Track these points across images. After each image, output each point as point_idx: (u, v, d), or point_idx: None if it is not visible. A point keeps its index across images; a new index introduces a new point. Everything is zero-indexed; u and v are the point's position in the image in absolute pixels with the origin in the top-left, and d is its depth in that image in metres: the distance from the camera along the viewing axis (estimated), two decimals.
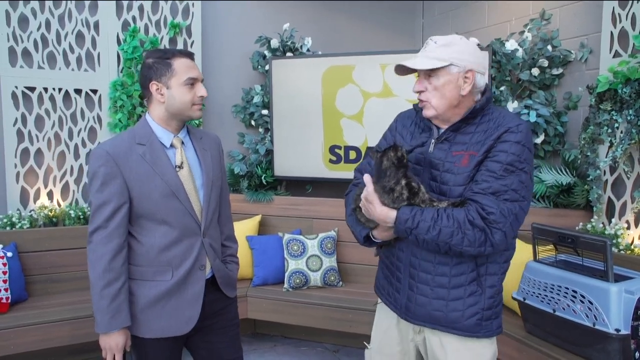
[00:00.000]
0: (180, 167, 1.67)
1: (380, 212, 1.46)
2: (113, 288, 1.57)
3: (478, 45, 1.55)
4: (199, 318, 1.71)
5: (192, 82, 1.63)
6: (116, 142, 1.64)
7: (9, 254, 2.85)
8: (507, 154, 1.39)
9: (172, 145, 1.68)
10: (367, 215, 1.52)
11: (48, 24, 3.23)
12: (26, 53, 3.19)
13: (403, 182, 1.44)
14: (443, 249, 1.42)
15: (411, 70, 1.52)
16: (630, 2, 2.64)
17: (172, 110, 1.65)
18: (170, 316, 1.66)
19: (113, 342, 1.61)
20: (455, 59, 1.45)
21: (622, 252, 2.59)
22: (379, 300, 1.73)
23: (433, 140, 1.53)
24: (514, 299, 2.43)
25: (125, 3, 3.40)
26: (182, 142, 1.71)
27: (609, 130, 2.72)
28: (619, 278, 2.12)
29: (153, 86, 1.63)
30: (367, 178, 1.50)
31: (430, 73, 1.47)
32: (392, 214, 1.44)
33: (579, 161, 2.96)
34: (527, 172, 1.41)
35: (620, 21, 2.70)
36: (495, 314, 1.50)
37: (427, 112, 1.50)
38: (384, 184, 1.46)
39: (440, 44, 1.46)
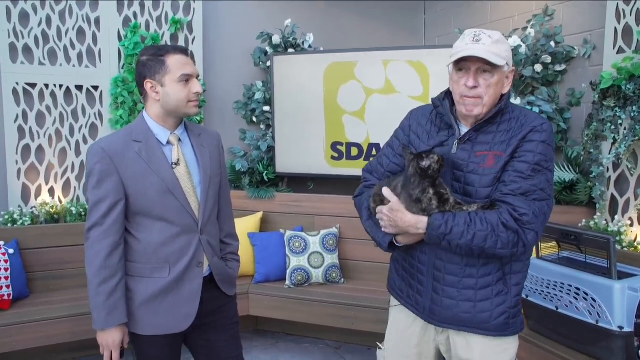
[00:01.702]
0: (177, 164, 1.66)
1: (410, 220, 1.42)
2: (109, 285, 1.58)
3: None
4: (197, 315, 1.70)
5: (186, 79, 1.62)
6: (112, 139, 1.64)
7: (11, 251, 2.85)
8: (534, 154, 1.39)
9: (168, 142, 1.68)
10: (393, 226, 1.46)
11: (49, 20, 3.21)
12: (27, 49, 3.18)
13: (431, 191, 1.40)
14: (476, 252, 1.40)
15: (460, 61, 1.43)
16: None
17: (168, 108, 1.64)
18: (168, 313, 1.66)
19: (110, 339, 1.61)
20: (509, 57, 1.44)
21: (625, 249, 2.58)
22: (393, 301, 1.70)
23: (456, 141, 1.49)
24: None
25: (126, 0, 3.38)
26: (179, 139, 1.70)
27: (613, 127, 2.71)
28: (622, 275, 2.11)
29: (148, 84, 1.62)
30: (387, 192, 1.46)
31: (487, 69, 1.42)
32: (423, 221, 1.41)
33: (582, 158, 2.95)
34: (551, 171, 1.42)
35: (624, 17, 2.68)
36: (519, 312, 1.51)
37: (476, 110, 1.44)
38: (410, 192, 1.41)
39: (495, 40, 1.41)
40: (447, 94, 1.55)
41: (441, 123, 1.54)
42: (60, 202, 3.31)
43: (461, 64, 1.44)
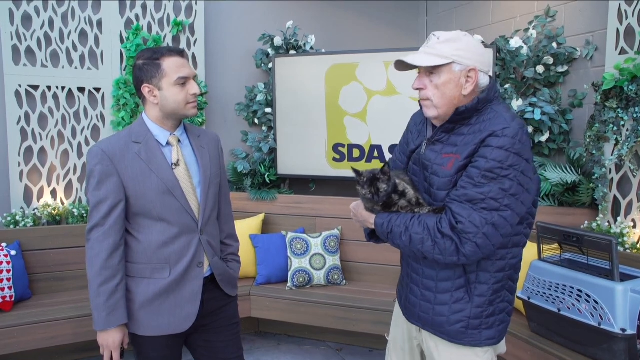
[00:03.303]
0: (177, 164, 1.67)
1: (364, 215, 1.52)
2: (110, 285, 1.58)
3: (482, 43, 1.52)
4: (198, 316, 1.71)
5: (183, 81, 1.63)
6: (112, 140, 1.65)
7: (13, 253, 2.85)
8: (487, 160, 1.31)
9: (168, 143, 1.69)
10: (356, 218, 1.58)
11: (51, 23, 3.23)
12: (29, 51, 3.19)
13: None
14: (419, 255, 1.40)
15: (412, 66, 1.45)
16: None
17: (167, 111, 1.65)
18: (169, 314, 1.67)
19: (110, 339, 1.62)
20: (458, 56, 1.37)
21: (627, 251, 2.57)
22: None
23: (425, 142, 1.50)
24: (518, 298, 2.42)
25: (128, 2, 3.40)
26: (179, 140, 1.71)
27: (615, 128, 2.70)
28: (624, 277, 2.10)
29: (145, 89, 1.63)
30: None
31: (431, 70, 1.40)
32: (371, 218, 1.48)
33: (584, 159, 2.94)
34: (512, 180, 1.31)
35: (626, 18, 2.67)
36: (485, 324, 1.44)
37: (429, 112, 1.44)
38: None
39: (442, 40, 1.39)
40: None
41: (428, 124, 1.55)
42: (62, 203, 3.32)
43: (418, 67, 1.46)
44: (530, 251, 2.48)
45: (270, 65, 3.78)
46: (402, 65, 1.46)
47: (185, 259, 1.67)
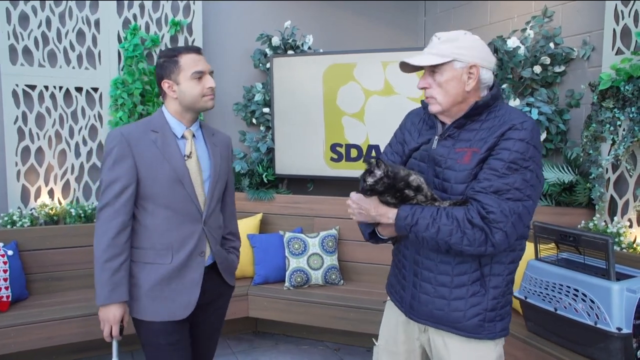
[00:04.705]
0: (189, 156, 1.76)
1: (381, 210, 1.47)
2: (115, 262, 1.65)
3: None
4: (199, 305, 1.76)
5: (199, 76, 1.72)
6: (131, 127, 1.75)
7: (10, 253, 2.85)
8: (510, 152, 1.36)
9: (183, 137, 1.78)
10: (362, 214, 1.50)
11: (49, 22, 3.22)
12: (27, 51, 3.19)
13: (390, 194, 1.45)
14: (443, 247, 1.40)
15: (417, 68, 1.50)
16: None
17: (185, 104, 1.75)
18: (169, 300, 1.72)
19: (111, 314, 1.67)
20: (458, 54, 1.42)
21: (624, 250, 2.58)
22: (388, 298, 1.72)
23: (436, 137, 1.52)
24: (515, 297, 2.42)
25: (126, 1, 3.39)
26: (194, 135, 1.80)
27: (611, 128, 2.71)
28: (620, 277, 2.11)
29: (165, 84, 1.74)
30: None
31: (434, 69, 1.45)
32: (393, 211, 1.45)
33: (581, 159, 2.95)
34: (532, 171, 1.37)
35: (622, 18, 2.68)
36: (499, 316, 1.47)
37: (433, 108, 1.49)
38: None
39: (443, 40, 1.45)
40: None
41: (431, 122, 1.57)
42: (60, 203, 3.32)
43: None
44: (527, 250, 2.48)
45: (268, 65, 3.78)
46: (407, 67, 1.51)
47: (187, 247, 1.74)
